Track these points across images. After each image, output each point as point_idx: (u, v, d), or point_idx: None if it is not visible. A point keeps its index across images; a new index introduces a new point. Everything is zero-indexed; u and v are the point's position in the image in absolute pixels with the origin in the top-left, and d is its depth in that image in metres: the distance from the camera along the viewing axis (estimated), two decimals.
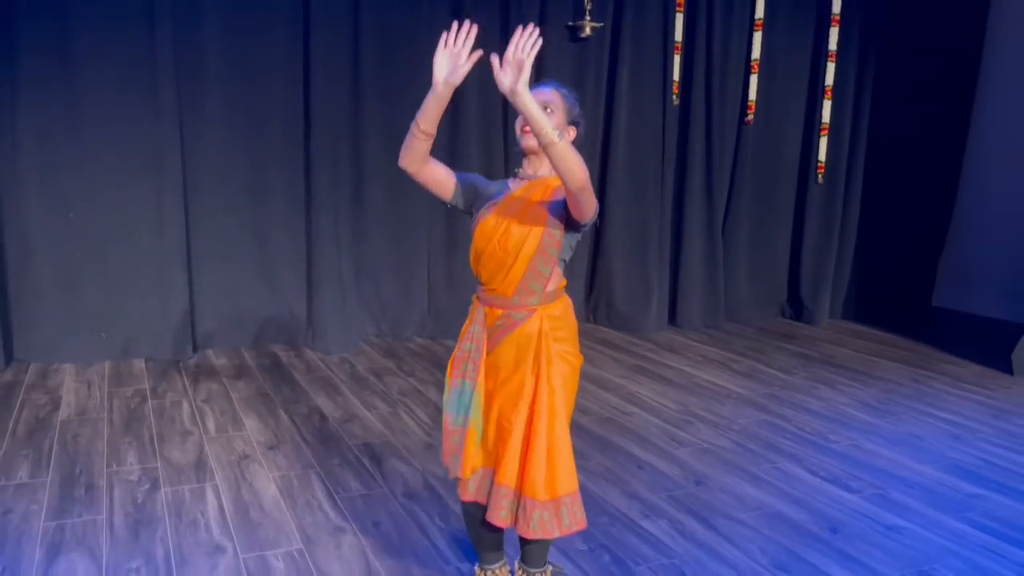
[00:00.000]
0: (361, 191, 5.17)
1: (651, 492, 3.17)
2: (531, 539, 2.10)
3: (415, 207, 5.20)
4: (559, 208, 2.00)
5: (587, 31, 5.48)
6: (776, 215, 6.35)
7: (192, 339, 4.87)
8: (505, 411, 2.06)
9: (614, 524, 2.89)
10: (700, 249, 6.03)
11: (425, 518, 2.87)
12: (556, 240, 2.02)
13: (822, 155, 6.20)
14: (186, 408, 3.98)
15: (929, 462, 3.59)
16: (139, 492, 3.02)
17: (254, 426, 3.77)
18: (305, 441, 3.60)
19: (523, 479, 2.02)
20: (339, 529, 2.79)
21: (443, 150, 5.23)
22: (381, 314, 5.44)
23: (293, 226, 5.11)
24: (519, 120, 2.02)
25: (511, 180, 2.15)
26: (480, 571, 2.31)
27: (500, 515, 2.05)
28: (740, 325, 6.18)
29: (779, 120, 6.17)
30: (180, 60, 4.62)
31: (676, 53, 5.75)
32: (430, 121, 1.92)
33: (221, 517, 2.84)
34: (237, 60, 4.81)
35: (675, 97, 5.81)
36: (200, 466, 3.29)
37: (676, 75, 5.78)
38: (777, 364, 5.15)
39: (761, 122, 6.08)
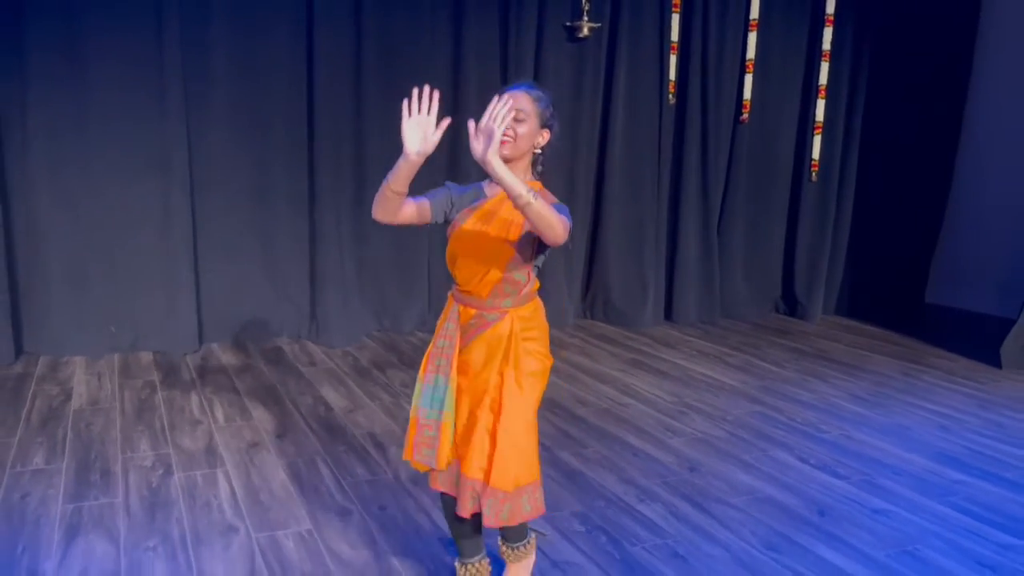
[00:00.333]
0: (363, 191, 5.27)
1: (646, 478, 3.28)
2: (499, 527, 2.13)
3: None
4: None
5: (585, 31, 5.59)
6: (770, 213, 6.46)
7: (198, 333, 4.97)
8: (473, 407, 2.10)
9: (610, 507, 3.00)
10: (696, 246, 6.14)
11: (428, 502, 2.97)
12: (530, 250, 2.07)
13: (816, 154, 6.31)
14: (195, 399, 4.09)
15: (916, 451, 3.70)
16: (153, 477, 3.13)
17: (261, 416, 3.88)
18: (311, 430, 3.71)
19: (490, 472, 2.05)
20: (346, 512, 2.90)
21: (441, 153, 5.34)
22: (382, 310, 5.55)
23: (297, 225, 5.21)
24: None
25: (486, 184, 2.15)
26: (460, 565, 2.33)
27: (468, 506, 2.08)
28: (735, 321, 6.29)
29: (774, 119, 6.28)
30: (187, 61, 4.72)
31: (672, 53, 5.85)
32: (402, 183, 1.94)
33: (233, 500, 2.95)
34: (242, 62, 4.92)
35: (671, 96, 5.92)
36: (210, 453, 3.40)
37: (672, 75, 5.89)
38: (771, 358, 5.26)
39: (756, 121, 6.19)
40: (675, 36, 5.84)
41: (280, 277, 5.25)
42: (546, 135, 2.10)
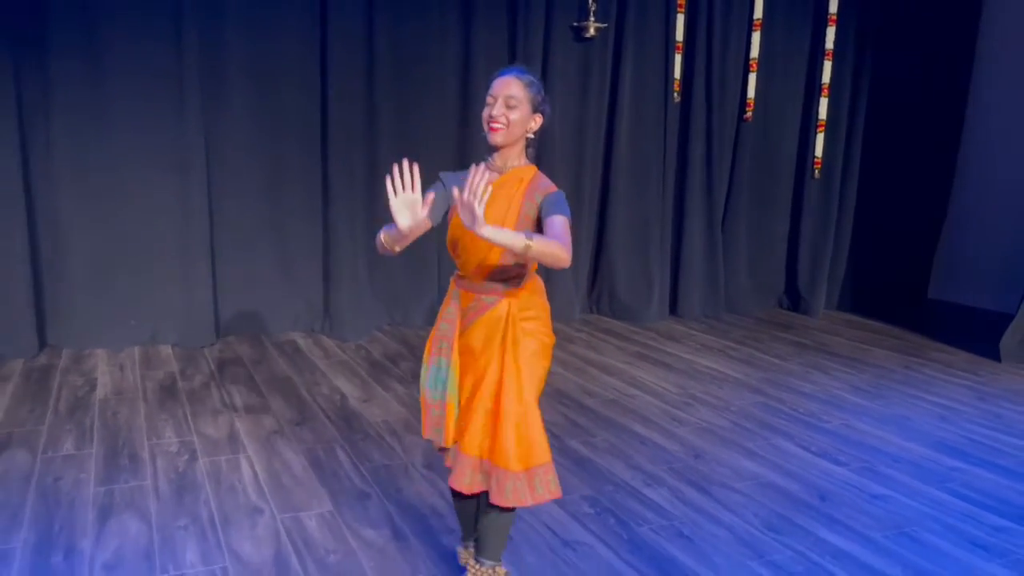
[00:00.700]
0: (374, 190, 5.38)
1: (653, 464, 3.40)
2: (502, 507, 2.13)
3: None
4: (533, 212, 2.11)
5: (591, 31, 5.71)
6: (774, 209, 6.57)
7: (216, 326, 5.11)
8: (474, 388, 2.15)
9: (618, 491, 3.12)
10: (700, 242, 6.25)
11: (444, 485, 3.09)
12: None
13: (819, 151, 6.42)
14: (214, 389, 4.22)
15: (915, 440, 3.82)
16: (179, 462, 3.27)
17: (279, 405, 4.01)
18: (329, 418, 3.84)
19: (493, 450, 2.09)
20: (365, 494, 3.02)
21: (451, 152, 5.47)
22: (393, 304, 5.67)
23: (311, 223, 5.35)
24: (485, 112, 2.09)
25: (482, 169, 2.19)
26: (463, 549, 2.41)
27: (464, 482, 2.13)
28: (739, 316, 6.40)
29: (777, 117, 6.39)
30: (204, 66, 4.86)
31: (677, 52, 5.97)
32: (399, 245, 2.06)
33: (256, 483, 3.09)
34: (258, 67, 5.05)
35: (676, 95, 6.03)
36: (233, 439, 3.53)
37: (677, 74, 6.00)
38: (774, 352, 5.37)
39: (760, 119, 6.30)
40: (680, 36, 5.95)
41: (294, 273, 5.38)
42: (538, 119, 2.13)
